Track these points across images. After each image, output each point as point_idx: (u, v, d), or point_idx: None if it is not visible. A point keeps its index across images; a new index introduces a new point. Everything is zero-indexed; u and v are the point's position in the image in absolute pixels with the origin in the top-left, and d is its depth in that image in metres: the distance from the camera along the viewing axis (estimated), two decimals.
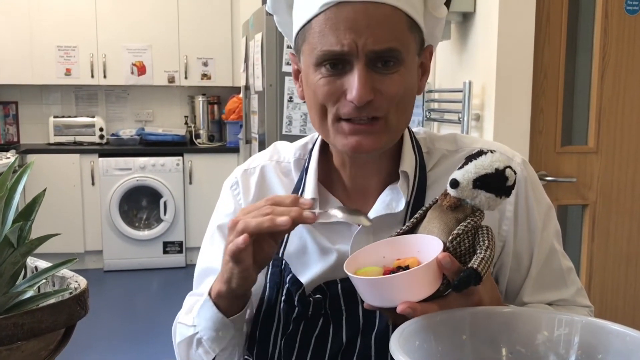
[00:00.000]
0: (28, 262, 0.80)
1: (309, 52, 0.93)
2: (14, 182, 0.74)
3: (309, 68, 0.93)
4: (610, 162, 2.56)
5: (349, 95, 0.89)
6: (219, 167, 5.40)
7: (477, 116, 2.51)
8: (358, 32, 0.87)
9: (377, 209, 1.00)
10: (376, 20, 0.87)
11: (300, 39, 0.95)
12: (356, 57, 0.88)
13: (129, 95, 5.94)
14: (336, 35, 0.88)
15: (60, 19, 5.34)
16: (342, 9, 0.87)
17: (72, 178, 5.22)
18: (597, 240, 2.61)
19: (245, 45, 4.27)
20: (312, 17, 0.90)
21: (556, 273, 1.06)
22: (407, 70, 0.92)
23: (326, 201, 1.04)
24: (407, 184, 1.01)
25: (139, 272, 5.37)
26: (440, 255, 0.77)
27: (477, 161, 0.81)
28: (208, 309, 0.95)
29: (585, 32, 2.55)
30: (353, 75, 0.88)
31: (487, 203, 0.82)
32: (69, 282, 0.75)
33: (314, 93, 0.93)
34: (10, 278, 0.71)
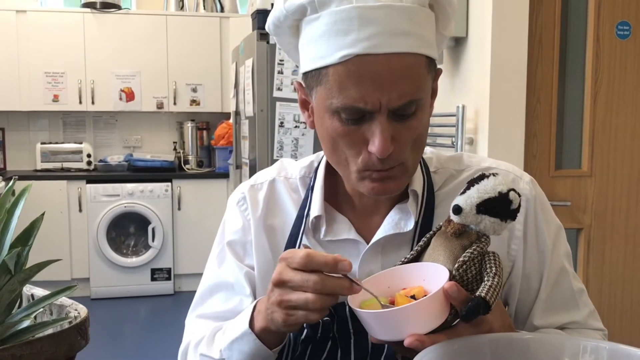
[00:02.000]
0: (24, 290, 0.77)
1: (324, 96, 0.89)
2: (11, 206, 0.71)
3: (324, 111, 0.90)
4: (604, 185, 2.56)
5: (371, 147, 0.87)
6: (208, 192, 5.35)
7: (470, 140, 2.51)
8: (382, 89, 0.84)
9: (386, 228, 0.99)
10: (399, 73, 0.84)
11: (314, 80, 0.91)
12: (378, 112, 0.85)
13: (117, 121, 5.91)
14: (359, 91, 0.84)
15: (49, 45, 5.32)
16: (364, 62, 0.84)
17: (59, 205, 5.16)
18: (593, 264, 2.59)
19: (236, 71, 4.27)
20: (330, 65, 0.86)
21: (567, 295, 1.04)
22: (424, 112, 0.90)
23: (333, 219, 1.02)
24: (416, 203, 0.99)
25: (126, 300, 5.29)
26: (447, 284, 0.75)
27: (480, 185, 0.79)
28: (248, 343, 0.92)
29: (574, 56, 2.56)
30: (374, 128, 0.86)
31: (493, 228, 0.79)
32: (68, 310, 0.72)
33: (331, 137, 0.91)
34: (7, 307, 0.68)
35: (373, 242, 0.99)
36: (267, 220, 1.07)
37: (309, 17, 0.88)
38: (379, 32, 0.83)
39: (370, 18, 0.83)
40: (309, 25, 0.89)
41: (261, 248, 1.06)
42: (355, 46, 0.83)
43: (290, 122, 3.54)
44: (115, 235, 5.37)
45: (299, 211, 1.05)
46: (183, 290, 5.40)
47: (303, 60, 0.93)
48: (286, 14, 0.91)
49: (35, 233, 0.71)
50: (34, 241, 0.71)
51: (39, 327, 0.68)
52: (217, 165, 5.59)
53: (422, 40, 0.86)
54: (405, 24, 0.85)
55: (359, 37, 0.83)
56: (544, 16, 2.45)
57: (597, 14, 2.49)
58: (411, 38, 0.85)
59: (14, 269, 0.66)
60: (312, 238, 1.03)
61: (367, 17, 0.83)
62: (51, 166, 5.48)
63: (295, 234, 1.03)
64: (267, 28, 0.99)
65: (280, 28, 0.96)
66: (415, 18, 0.86)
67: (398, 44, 0.84)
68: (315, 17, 0.87)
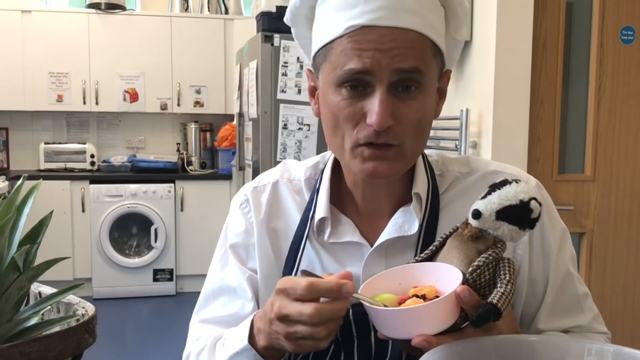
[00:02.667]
0: (31, 287, 0.77)
1: (329, 71, 0.91)
2: (21, 204, 0.72)
3: (329, 88, 0.92)
4: (607, 190, 2.57)
5: (369, 119, 0.87)
6: (210, 194, 5.36)
7: (474, 144, 2.51)
8: (382, 53, 0.86)
9: (390, 231, 0.98)
10: (402, 45, 0.86)
11: (321, 58, 0.93)
12: (379, 79, 0.86)
13: (121, 122, 5.92)
14: (359, 56, 0.86)
15: (53, 46, 5.33)
16: (368, 32, 0.86)
17: (62, 205, 5.16)
18: (595, 269, 2.60)
19: (240, 73, 4.27)
20: (335, 38, 0.89)
21: (572, 298, 1.04)
22: (426, 97, 0.91)
23: (338, 221, 1.02)
24: (419, 206, 0.99)
25: (128, 300, 5.29)
26: (459, 288, 0.75)
27: (501, 191, 0.79)
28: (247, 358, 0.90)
29: (578, 60, 2.57)
30: (374, 99, 0.87)
31: (510, 235, 0.79)
32: (76, 308, 0.73)
33: (333, 114, 0.92)
34: (15, 304, 0.68)
35: (377, 245, 0.98)
36: (270, 223, 1.06)
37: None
38: (384, 6, 0.86)
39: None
40: (320, 7, 0.93)
41: (264, 251, 1.05)
42: (359, 18, 0.86)
43: (294, 124, 3.54)
44: (118, 235, 5.38)
45: (303, 213, 1.04)
46: (185, 291, 5.41)
47: (314, 43, 0.96)
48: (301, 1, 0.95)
49: (44, 231, 0.72)
50: (42, 239, 0.71)
51: (46, 324, 0.69)
52: (220, 166, 5.60)
53: (428, 24, 0.89)
54: (412, 3, 0.87)
55: (364, 10, 0.86)
56: (548, 21, 2.46)
57: (601, 19, 2.49)
58: (417, 17, 0.87)
59: (22, 267, 0.67)
60: (315, 240, 1.02)
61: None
62: (55, 166, 5.49)
63: (300, 236, 1.02)
64: (285, 19, 1.02)
65: (297, 17, 1.00)
66: (422, 1, 0.89)
67: (403, 19, 0.86)
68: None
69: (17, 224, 0.69)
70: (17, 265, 0.65)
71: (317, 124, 3.56)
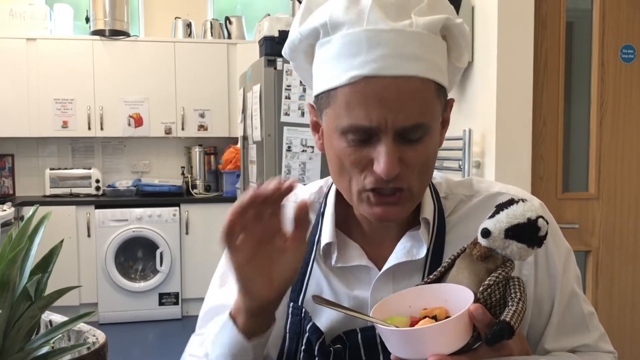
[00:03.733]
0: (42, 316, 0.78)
1: (333, 118, 0.90)
2: (32, 233, 0.73)
3: (333, 132, 0.91)
4: (612, 207, 2.57)
5: (377, 168, 0.86)
6: (215, 217, 5.37)
7: (477, 163, 2.52)
8: (388, 108, 0.84)
9: (398, 256, 0.98)
10: (406, 95, 0.85)
11: (323, 101, 0.92)
12: (384, 132, 0.86)
13: (126, 146, 5.95)
14: (365, 110, 0.85)
15: (58, 73, 5.38)
16: (371, 83, 0.84)
17: (68, 230, 5.17)
18: (601, 287, 2.59)
19: (243, 97, 4.30)
20: (339, 86, 0.87)
21: (578, 318, 1.04)
22: (431, 138, 0.90)
23: (345, 245, 1.01)
24: (427, 230, 0.99)
25: (134, 325, 5.28)
26: (472, 306, 0.75)
27: (509, 210, 0.80)
28: (227, 331, 0.90)
29: (579, 80, 2.59)
30: (380, 148, 0.86)
31: (519, 253, 0.80)
32: (86, 336, 0.74)
33: (339, 158, 0.91)
34: (27, 333, 0.69)
35: (385, 269, 0.98)
36: None
37: (322, 40, 0.90)
38: (387, 55, 0.84)
39: (378, 40, 0.85)
40: (321, 49, 0.91)
41: None
42: (363, 68, 0.85)
43: (298, 146, 3.56)
44: (124, 259, 5.38)
45: (309, 237, 1.03)
46: (191, 315, 5.39)
47: (315, 83, 0.94)
48: (300, 37, 0.93)
49: (54, 260, 0.73)
50: (53, 268, 0.72)
51: (58, 353, 0.70)
52: (225, 189, 5.61)
53: (431, 66, 0.87)
54: (415, 48, 0.85)
55: (367, 59, 0.84)
56: (548, 40, 2.48)
57: (601, 38, 2.51)
58: (420, 62, 0.86)
59: (34, 296, 0.68)
60: (322, 264, 1.02)
61: (376, 40, 0.85)
62: (60, 192, 5.51)
63: (306, 261, 1.02)
64: (284, 52, 1.01)
65: (296, 52, 0.98)
66: (425, 44, 0.87)
67: (406, 67, 0.85)
68: (327, 40, 0.89)
69: (29, 253, 0.70)
70: (28, 294, 0.66)
71: None
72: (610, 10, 2.52)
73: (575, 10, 2.57)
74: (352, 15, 0.87)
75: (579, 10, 2.59)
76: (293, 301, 1.00)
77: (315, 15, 0.91)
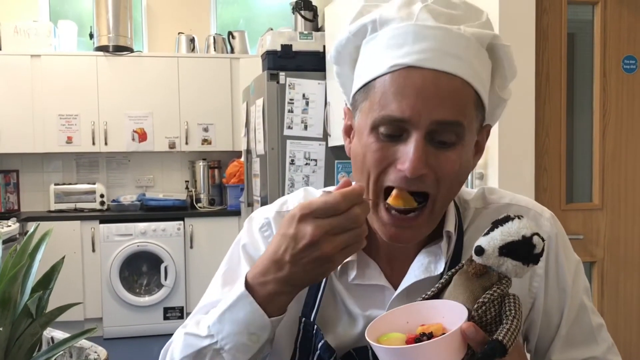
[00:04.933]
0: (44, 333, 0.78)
1: (367, 111, 0.88)
2: (33, 250, 0.73)
3: (364, 128, 0.89)
4: (616, 218, 2.56)
5: (401, 165, 0.84)
6: (219, 230, 5.37)
7: (480, 175, 2.52)
8: (424, 100, 0.83)
9: (416, 273, 0.96)
10: (445, 91, 0.83)
11: (361, 97, 0.90)
12: (416, 127, 0.83)
13: (130, 161, 5.97)
14: (399, 101, 0.83)
15: (62, 89, 5.41)
16: (412, 74, 0.83)
17: (72, 245, 5.18)
18: (607, 298, 2.58)
19: (246, 110, 4.32)
20: (378, 76, 0.86)
21: (586, 330, 1.04)
22: (464, 148, 0.87)
23: (364, 263, 0.99)
24: (448, 244, 0.97)
25: (139, 339, 5.27)
26: (465, 324, 0.75)
27: (504, 228, 0.79)
28: (244, 308, 0.86)
29: (581, 90, 2.59)
30: (409, 145, 0.84)
31: (514, 271, 0.79)
32: (88, 352, 0.74)
33: (364, 155, 0.89)
34: (28, 350, 0.69)
35: (402, 289, 0.96)
36: None
37: (369, 37, 0.90)
38: (432, 48, 0.84)
39: (425, 35, 0.84)
40: (366, 46, 0.91)
41: None
42: (405, 57, 0.84)
43: (301, 159, 3.57)
44: (128, 274, 5.38)
45: None
46: None
47: (356, 81, 0.93)
48: (349, 36, 0.93)
49: (55, 277, 0.73)
50: (54, 285, 0.72)
51: None
52: (229, 203, 5.62)
53: (474, 72, 0.86)
54: (461, 49, 0.85)
55: (411, 50, 0.84)
56: (550, 52, 2.48)
57: (602, 48, 2.52)
58: (464, 63, 0.84)
59: (35, 313, 0.68)
60: (337, 280, 0.99)
61: (423, 34, 0.84)
62: (65, 207, 5.52)
63: None
64: (330, 56, 1.00)
65: (342, 54, 0.96)
66: (471, 48, 0.86)
67: (449, 64, 0.83)
68: (374, 36, 0.89)
69: (30, 270, 0.70)
70: (30, 312, 0.67)
71: (324, 159, 3.58)
72: (611, 22, 2.52)
73: (576, 21, 2.58)
74: (403, 14, 0.87)
75: (580, 22, 2.59)
76: (305, 316, 0.97)
77: (366, 15, 0.92)
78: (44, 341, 0.79)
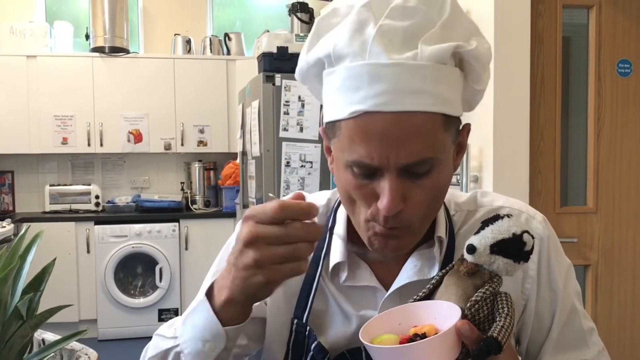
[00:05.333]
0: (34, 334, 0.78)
1: (339, 150, 0.89)
2: (24, 252, 0.73)
3: (339, 162, 0.89)
4: (610, 221, 2.57)
5: (379, 204, 0.85)
6: (214, 232, 5.36)
7: (475, 178, 2.52)
8: (389, 144, 0.82)
9: (409, 274, 0.97)
10: (409, 131, 0.82)
11: (331, 131, 0.90)
12: (387, 169, 0.84)
13: (125, 162, 5.96)
14: (367, 147, 0.83)
15: (58, 90, 5.40)
16: (373, 118, 0.82)
17: (67, 246, 5.17)
18: (601, 301, 2.58)
19: (242, 112, 4.32)
20: (342, 119, 0.85)
21: (577, 333, 1.04)
22: (440, 172, 0.87)
23: (355, 265, 1.00)
24: (440, 249, 0.98)
25: (134, 341, 5.25)
26: (459, 322, 0.75)
27: (494, 226, 0.80)
28: (201, 314, 0.86)
29: (576, 94, 2.60)
30: (383, 184, 0.84)
31: (505, 269, 0.80)
32: (79, 355, 0.73)
33: (346, 190, 0.90)
34: (18, 352, 0.69)
35: (393, 290, 0.97)
36: None
37: (327, 70, 0.89)
38: (387, 90, 0.81)
39: (379, 75, 0.82)
40: (327, 78, 0.89)
41: None
42: (364, 103, 0.82)
43: (297, 161, 3.57)
44: (123, 276, 5.37)
45: (315, 252, 1.01)
46: None
47: (324, 111, 0.92)
48: (308, 66, 0.92)
49: (46, 279, 0.73)
50: (45, 286, 0.72)
51: None
52: (224, 204, 5.61)
53: (437, 98, 0.83)
54: (418, 82, 0.82)
55: (368, 94, 0.82)
56: (545, 55, 2.49)
57: (597, 52, 2.53)
58: (424, 96, 0.82)
59: (26, 315, 0.68)
60: (330, 282, 1.00)
61: (377, 74, 0.82)
62: (60, 208, 5.51)
63: (312, 276, 1.00)
64: (296, 76, 0.99)
65: (306, 77, 0.96)
66: (429, 76, 0.82)
67: (407, 103, 0.81)
68: (332, 71, 0.87)
69: (21, 272, 0.70)
70: (20, 313, 0.66)
71: (320, 161, 3.58)
72: (606, 25, 2.53)
73: (571, 25, 2.59)
74: (355, 47, 0.83)
75: (575, 26, 2.60)
76: (297, 318, 0.98)
77: (322, 43, 0.89)
78: (34, 343, 0.78)
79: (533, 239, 0.80)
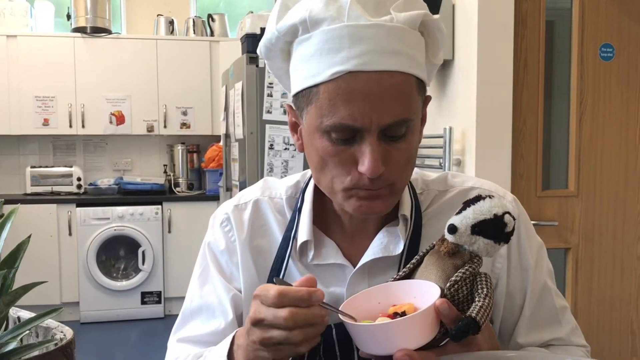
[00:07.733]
0: (10, 312, 0.77)
1: (315, 116, 0.88)
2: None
3: (314, 131, 0.90)
4: (591, 205, 2.59)
5: (361, 168, 0.86)
6: (198, 215, 5.35)
7: (458, 161, 2.53)
8: (373, 106, 0.84)
9: (375, 251, 0.98)
10: (390, 90, 0.84)
11: (304, 100, 0.90)
12: (368, 131, 0.85)
13: (108, 144, 5.92)
14: (349, 108, 0.84)
15: (39, 70, 5.33)
16: (356, 79, 0.84)
17: (49, 228, 5.14)
18: (581, 284, 2.61)
19: (225, 94, 4.29)
20: (321, 83, 0.86)
21: (550, 312, 1.05)
22: (414, 134, 0.90)
23: (321, 243, 1.02)
24: (405, 227, 0.99)
25: (116, 324, 5.25)
26: (438, 301, 0.76)
27: (476, 206, 0.80)
28: None
29: (559, 78, 2.60)
30: (364, 147, 0.86)
31: (486, 249, 0.80)
32: (54, 332, 0.73)
33: (321, 158, 0.90)
34: None
35: (360, 265, 0.99)
36: (253, 241, 1.06)
37: (301, 37, 0.89)
38: (370, 50, 0.84)
39: (361, 36, 0.84)
40: (300, 46, 0.90)
41: (247, 270, 1.05)
42: (346, 63, 0.84)
43: (280, 144, 3.56)
44: (105, 258, 5.35)
45: (285, 233, 1.04)
46: (173, 314, 5.37)
47: (294, 81, 0.93)
48: (278, 35, 0.92)
49: (21, 255, 0.72)
50: (20, 263, 0.71)
51: (25, 349, 0.69)
52: (208, 187, 5.60)
53: (412, 61, 0.87)
54: (396, 43, 0.85)
55: (350, 55, 0.84)
56: (528, 39, 2.49)
57: (580, 36, 2.53)
58: (402, 57, 0.85)
59: (0, 291, 0.67)
60: (298, 261, 1.02)
61: (358, 35, 0.84)
62: (41, 190, 5.46)
63: (282, 257, 1.02)
64: (259, 51, 0.99)
65: (272, 51, 0.96)
66: (405, 39, 0.86)
67: (389, 62, 0.84)
68: (307, 37, 0.88)
69: None
70: None
71: None
72: (589, 10, 2.53)
73: (555, 9, 2.58)
74: (332, 12, 0.86)
75: (559, 9, 2.60)
76: None
77: (293, 12, 0.90)
78: (10, 321, 0.78)
79: (514, 220, 0.80)
